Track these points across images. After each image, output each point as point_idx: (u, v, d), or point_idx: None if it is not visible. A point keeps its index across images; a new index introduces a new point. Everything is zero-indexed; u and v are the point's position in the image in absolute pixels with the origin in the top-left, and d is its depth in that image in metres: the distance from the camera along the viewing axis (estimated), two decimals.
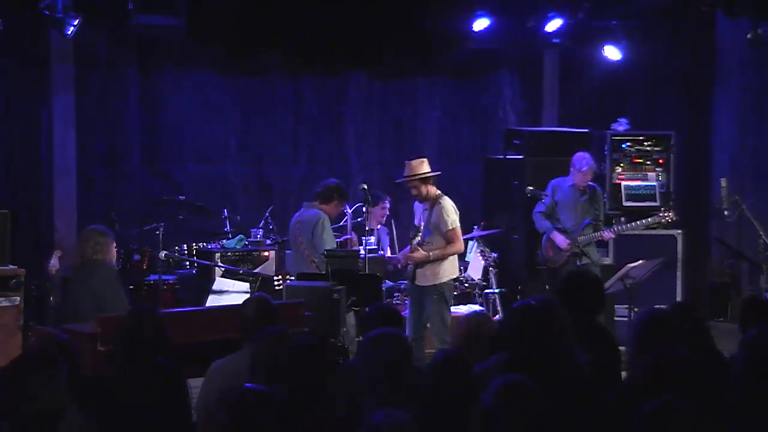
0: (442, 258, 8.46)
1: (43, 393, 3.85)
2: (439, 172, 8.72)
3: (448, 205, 8.52)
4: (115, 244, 7.50)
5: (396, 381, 4.28)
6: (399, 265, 8.95)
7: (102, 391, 4.58)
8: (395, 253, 9.68)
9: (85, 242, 7.35)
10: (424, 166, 8.55)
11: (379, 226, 9.43)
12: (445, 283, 8.50)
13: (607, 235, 9.35)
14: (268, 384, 4.06)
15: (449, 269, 8.56)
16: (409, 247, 8.71)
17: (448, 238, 8.47)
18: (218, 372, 5.16)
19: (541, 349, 4.44)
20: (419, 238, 8.56)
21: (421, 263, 8.47)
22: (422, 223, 8.60)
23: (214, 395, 4.71)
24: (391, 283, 9.65)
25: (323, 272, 8.28)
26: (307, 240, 8.49)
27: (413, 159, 8.67)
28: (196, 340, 5.99)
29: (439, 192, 8.59)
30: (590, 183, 9.56)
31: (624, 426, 4.02)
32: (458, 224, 8.54)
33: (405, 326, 7.72)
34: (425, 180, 8.52)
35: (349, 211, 9.16)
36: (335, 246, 8.64)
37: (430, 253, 8.42)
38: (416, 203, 8.74)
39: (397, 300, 9.37)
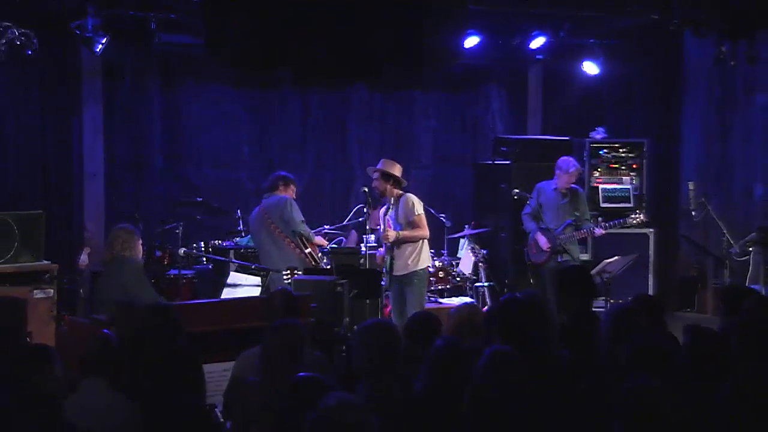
0: (410, 239, 8.43)
1: (41, 381, 3.92)
2: (405, 182, 8.68)
3: (412, 197, 8.55)
4: (140, 242, 7.52)
5: (389, 366, 4.31)
6: (377, 257, 8.88)
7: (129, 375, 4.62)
8: None
9: (114, 240, 7.37)
10: (393, 169, 8.58)
11: (378, 227, 9.43)
12: (422, 270, 8.51)
13: (598, 231, 9.34)
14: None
15: (424, 259, 8.55)
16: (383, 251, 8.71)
17: (415, 225, 8.46)
18: (247, 361, 5.18)
19: (526, 338, 4.48)
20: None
21: (399, 254, 8.47)
22: (390, 221, 8.59)
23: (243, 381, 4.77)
24: None
25: (298, 248, 8.30)
26: (279, 221, 8.49)
27: (389, 160, 8.70)
28: (212, 329, 6.03)
29: (400, 192, 8.58)
30: (572, 185, 9.55)
31: (601, 407, 4.06)
32: (423, 213, 8.54)
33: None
34: (387, 179, 8.52)
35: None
36: (304, 219, 8.63)
37: (399, 233, 8.44)
38: (380, 211, 8.74)
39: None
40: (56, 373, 4.01)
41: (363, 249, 8.77)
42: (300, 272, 8.05)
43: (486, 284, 10.06)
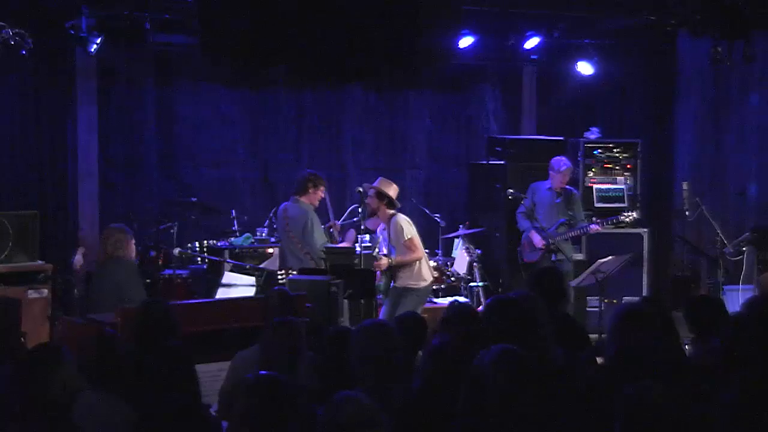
0: (404, 264, 8.39)
1: (53, 382, 3.86)
2: (398, 205, 8.63)
3: (402, 219, 8.45)
4: (133, 241, 7.49)
5: (387, 366, 4.29)
6: (373, 227, 8.86)
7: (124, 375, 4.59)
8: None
9: (107, 240, 7.35)
10: (389, 189, 8.52)
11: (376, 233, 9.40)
12: (424, 287, 8.50)
13: (594, 227, 9.34)
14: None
15: (426, 275, 8.50)
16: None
17: (406, 248, 8.38)
18: (244, 360, 5.16)
19: (518, 339, 4.46)
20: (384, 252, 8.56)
21: (397, 276, 8.43)
22: (385, 243, 8.56)
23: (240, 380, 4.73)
24: None
25: (317, 263, 8.28)
26: (299, 236, 8.46)
27: (387, 180, 8.66)
28: (206, 329, 6.01)
29: (392, 212, 8.52)
30: (567, 186, 9.56)
31: (596, 408, 4.05)
32: (414, 235, 8.44)
33: None
34: (382, 198, 8.47)
35: (327, 198, 9.03)
36: (326, 238, 8.62)
37: (392, 260, 8.41)
38: (378, 231, 8.70)
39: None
40: (68, 374, 3.95)
41: (358, 249, 8.74)
42: (295, 272, 8.03)
43: (480, 284, 10.06)
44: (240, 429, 3.70)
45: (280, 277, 7.87)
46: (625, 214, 9.43)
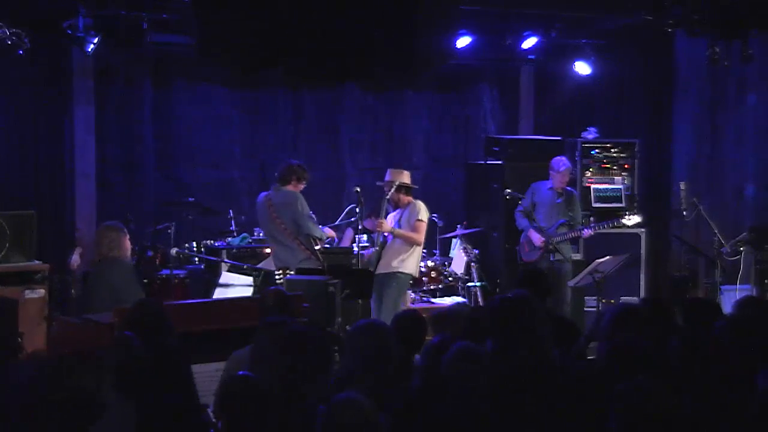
0: (403, 238, 8.45)
1: (83, 384, 3.85)
2: (415, 186, 8.69)
3: (420, 204, 8.59)
4: (128, 238, 7.45)
5: (383, 367, 4.29)
6: (364, 256, 8.86)
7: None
8: None
9: (100, 239, 7.33)
10: (403, 177, 8.56)
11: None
12: (404, 274, 8.51)
13: (587, 232, 9.35)
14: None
15: (411, 264, 8.54)
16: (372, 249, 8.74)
17: (414, 228, 8.46)
18: (238, 361, 5.16)
19: (517, 339, 4.47)
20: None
21: (386, 250, 8.44)
22: (393, 221, 8.60)
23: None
24: None
25: (308, 248, 8.25)
26: (288, 221, 8.31)
27: (397, 168, 8.70)
28: (204, 329, 6.01)
29: (411, 198, 8.60)
30: (567, 188, 9.58)
31: (589, 405, 4.06)
32: (426, 221, 8.54)
33: None
34: (399, 189, 8.55)
35: None
36: (314, 219, 8.59)
37: (395, 229, 8.43)
38: (389, 215, 8.73)
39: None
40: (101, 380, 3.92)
41: (355, 249, 8.75)
42: (292, 272, 8.03)
43: (478, 284, 10.06)
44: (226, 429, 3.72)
45: (277, 277, 7.87)
46: (627, 217, 9.42)
